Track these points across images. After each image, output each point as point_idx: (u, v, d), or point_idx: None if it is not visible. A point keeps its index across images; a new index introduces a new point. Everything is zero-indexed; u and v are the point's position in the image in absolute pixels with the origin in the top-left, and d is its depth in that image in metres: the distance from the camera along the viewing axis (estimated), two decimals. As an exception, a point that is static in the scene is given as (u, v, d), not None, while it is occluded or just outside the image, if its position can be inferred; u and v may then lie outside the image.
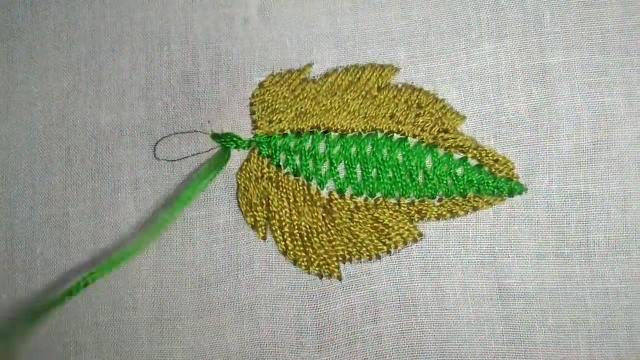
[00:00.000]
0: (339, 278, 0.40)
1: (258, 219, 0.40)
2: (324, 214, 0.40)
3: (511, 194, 0.39)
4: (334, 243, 0.40)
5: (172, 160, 0.40)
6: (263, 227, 0.40)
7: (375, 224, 0.40)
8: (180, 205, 0.38)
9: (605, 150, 0.39)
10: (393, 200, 0.40)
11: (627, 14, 0.40)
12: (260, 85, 0.40)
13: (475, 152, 0.40)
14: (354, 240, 0.40)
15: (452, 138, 0.40)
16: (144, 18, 0.42)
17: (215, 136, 0.39)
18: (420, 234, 0.40)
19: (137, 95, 0.40)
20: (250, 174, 0.40)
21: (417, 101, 0.40)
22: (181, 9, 0.41)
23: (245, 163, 0.40)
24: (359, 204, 0.40)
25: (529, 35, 0.40)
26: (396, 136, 0.40)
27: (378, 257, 0.40)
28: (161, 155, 0.40)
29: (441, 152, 0.40)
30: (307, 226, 0.40)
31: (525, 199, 0.39)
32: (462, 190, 0.39)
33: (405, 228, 0.40)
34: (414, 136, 0.40)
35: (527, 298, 0.39)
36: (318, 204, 0.40)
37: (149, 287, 0.40)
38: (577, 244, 0.39)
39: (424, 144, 0.40)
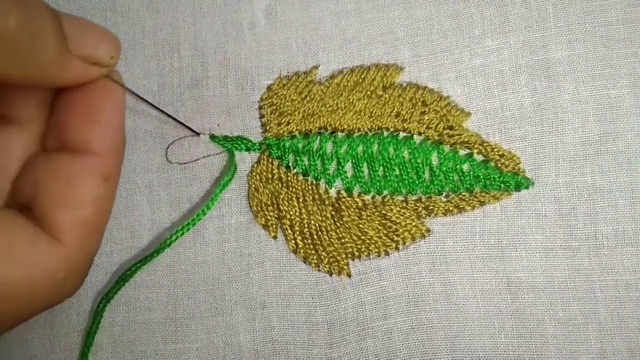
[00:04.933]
0: (349, 275, 0.40)
1: (269, 218, 0.41)
2: (333, 213, 0.41)
3: (518, 188, 0.40)
4: (343, 241, 0.40)
5: (184, 163, 0.41)
6: (274, 227, 0.41)
7: (383, 221, 0.40)
8: (202, 212, 0.39)
9: (612, 143, 0.39)
10: (400, 197, 0.40)
11: (631, 5, 0.40)
12: (268, 88, 0.41)
13: (481, 147, 0.40)
14: (362, 238, 0.40)
15: (458, 134, 0.40)
16: (154, 26, 0.43)
17: (213, 137, 0.40)
18: (428, 230, 0.40)
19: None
20: (261, 175, 0.41)
21: (421, 99, 0.40)
22: (190, 15, 0.42)
23: (256, 165, 0.41)
24: (366, 202, 0.40)
25: (532, 30, 0.40)
26: (402, 134, 0.41)
27: (387, 253, 0.40)
28: (173, 158, 0.41)
29: (447, 148, 0.40)
30: (317, 225, 0.40)
31: (532, 193, 0.40)
32: (468, 186, 0.40)
33: (413, 224, 0.40)
34: (420, 134, 0.40)
35: (536, 291, 0.39)
36: (327, 202, 0.41)
37: (163, 287, 0.41)
38: (585, 236, 0.39)
39: (429, 141, 0.40)
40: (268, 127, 0.41)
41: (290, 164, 0.41)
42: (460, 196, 0.40)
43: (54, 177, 0.32)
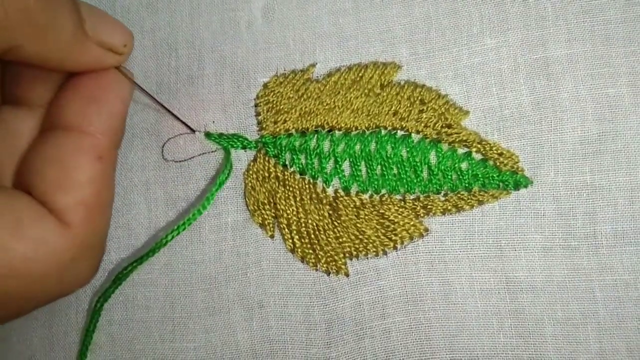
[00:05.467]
0: (347, 274, 0.40)
1: (266, 217, 0.41)
2: (331, 212, 0.40)
3: (517, 187, 0.39)
4: (340, 240, 0.40)
5: (179, 161, 0.41)
6: (271, 226, 0.41)
7: (381, 220, 0.40)
8: (199, 211, 0.39)
9: (611, 142, 0.39)
10: (398, 197, 0.40)
11: (630, 4, 0.39)
12: (265, 86, 0.41)
13: (479, 146, 0.40)
14: (360, 237, 0.40)
15: (456, 133, 0.40)
16: (153, 26, 0.43)
17: (208, 135, 0.40)
18: (426, 229, 0.40)
19: (148, 100, 0.41)
20: (257, 174, 0.41)
21: (419, 97, 0.40)
22: (188, 15, 0.42)
23: (252, 163, 0.41)
24: (364, 201, 0.40)
25: (531, 28, 0.40)
26: (400, 133, 0.40)
27: (385, 253, 0.40)
28: (169, 156, 0.41)
29: (445, 147, 0.40)
30: (314, 224, 0.40)
31: (531, 192, 0.39)
32: (467, 185, 0.40)
33: (411, 223, 0.40)
34: (418, 132, 0.40)
35: (535, 291, 0.39)
36: (324, 201, 0.40)
37: (161, 286, 0.41)
38: (584, 236, 0.39)
39: (427, 140, 0.40)
40: (264, 125, 0.41)
41: (287, 163, 0.41)
42: (459, 195, 0.40)
43: (48, 158, 0.33)
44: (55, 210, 0.32)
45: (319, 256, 0.40)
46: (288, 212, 0.40)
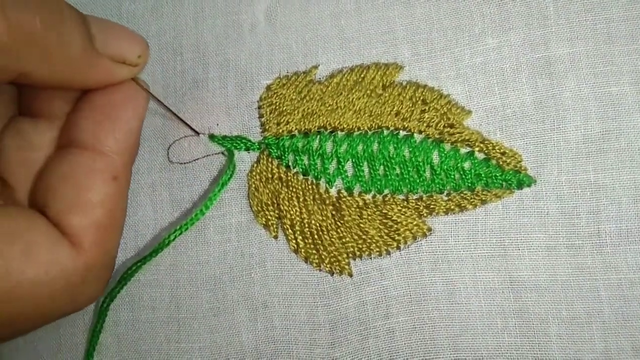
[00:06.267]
0: (350, 275, 0.40)
1: (269, 218, 0.41)
2: (334, 212, 0.41)
3: (520, 186, 0.39)
4: (344, 240, 0.40)
5: (184, 163, 0.42)
6: (275, 227, 0.41)
7: (384, 220, 0.40)
8: (202, 211, 0.39)
9: (615, 140, 0.39)
10: (401, 196, 0.40)
11: (632, 1, 0.39)
12: (268, 88, 0.41)
13: (482, 145, 0.40)
14: (363, 237, 0.40)
15: (458, 132, 0.40)
16: (158, 31, 0.43)
17: (212, 137, 0.41)
18: (429, 229, 0.40)
19: (155, 104, 0.42)
20: (261, 175, 0.41)
21: (421, 97, 0.40)
22: (192, 19, 0.43)
23: (255, 164, 0.41)
24: (367, 201, 0.40)
25: (533, 27, 0.40)
26: (402, 133, 0.41)
27: (388, 252, 0.40)
28: (174, 158, 0.42)
29: (448, 147, 0.40)
30: (318, 224, 0.41)
31: (534, 191, 0.39)
32: (470, 184, 0.40)
33: (414, 223, 0.40)
34: (420, 132, 0.40)
35: (539, 290, 0.39)
36: (327, 202, 0.41)
37: (166, 287, 0.41)
38: (588, 235, 0.39)
39: (430, 140, 0.40)
40: (267, 127, 0.41)
41: (290, 164, 0.41)
42: (462, 195, 0.40)
43: (63, 177, 0.33)
44: (68, 232, 0.32)
45: (323, 256, 0.40)
46: (291, 212, 0.41)
